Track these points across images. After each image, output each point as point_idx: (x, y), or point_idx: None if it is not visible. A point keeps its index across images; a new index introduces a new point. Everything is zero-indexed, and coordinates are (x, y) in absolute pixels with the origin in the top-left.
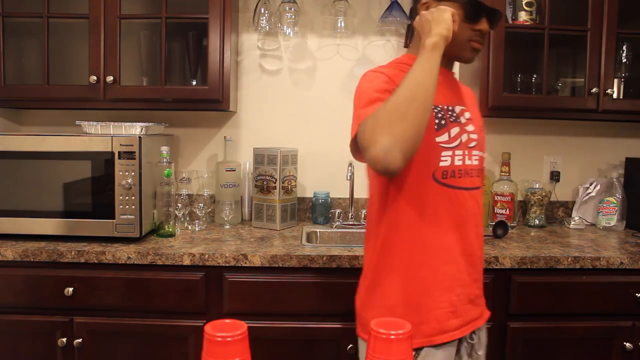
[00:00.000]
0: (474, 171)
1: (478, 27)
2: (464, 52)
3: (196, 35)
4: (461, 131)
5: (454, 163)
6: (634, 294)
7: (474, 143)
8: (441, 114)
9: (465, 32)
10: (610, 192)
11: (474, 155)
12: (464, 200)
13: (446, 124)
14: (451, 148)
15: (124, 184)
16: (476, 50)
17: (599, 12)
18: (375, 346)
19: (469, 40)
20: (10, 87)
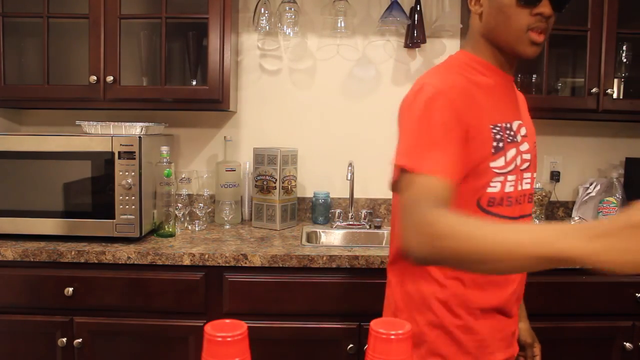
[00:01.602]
0: (525, 197)
1: (537, 11)
2: (521, 46)
3: (196, 35)
4: (517, 153)
5: (504, 190)
6: (634, 294)
7: (527, 164)
8: (500, 134)
9: (522, 18)
10: (611, 192)
11: (526, 178)
12: None
13: (504, 147)
14: (504, 173)
15: (124, 184)
16: (537, 43)
17: (599, 12)
18: (375, 346)
19: (528, 29)
20: (11, 87)
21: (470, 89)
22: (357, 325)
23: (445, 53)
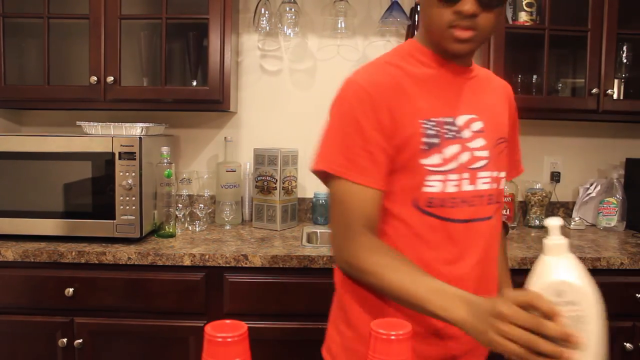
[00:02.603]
0: (483, 198)
1: (457, 9)
2: (445, 42)
3: (196, 35)
4: (462, 150)
5: (445, 190)
6: (634, 294)
7: (483, 162)
8: (434, 130)
9: (444, 15)
10: (611, 193)
11: (483, 178)
12: (458, 234)
13: (439, 143)
14: (443, 172)
15: (124, 185)
16: (460, 40)
17: (599, 13)
18: (375, 346)
19: (449, 26)
20: (11, 87)
21: (400, 83)
22: None
23: None
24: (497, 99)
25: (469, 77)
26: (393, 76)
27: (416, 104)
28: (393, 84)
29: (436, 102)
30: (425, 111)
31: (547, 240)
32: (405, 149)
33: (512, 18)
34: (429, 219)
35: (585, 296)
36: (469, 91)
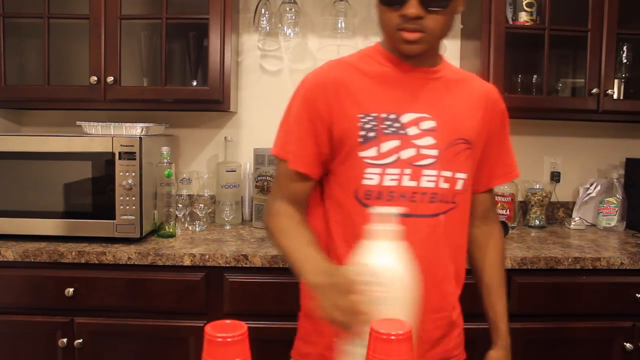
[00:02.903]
0: (425, 196)
1: (401, 13)
2: (397, 44)
3: (197, 35)
4: (403, 145)
5: (382, 183)
6: (634, 294)
7: (430, 160)
8: (372, 124)
9: (392, 18)
10: (611, 193)
11: (428, 176)
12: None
13: (376, 137)
14: (381, 165)
15: (124, 185)
16: (409, 42)
17: (599, 13)
18: (375, 346)
19: (398, 29)
20: (11, 87)
21: (345, 80)
22: None
23: (445, 53)
24: (467, 101)
25: (430, 77)
26: (341, 73)
27: (358, 99)
28: (338, 81)
29: (381, 98)
30: (366, 106)
31: (371, 226)
32: (344, 141)
33: (512, 18)
34: (365, 210)
35: (392, 280)
36: (426, 91)
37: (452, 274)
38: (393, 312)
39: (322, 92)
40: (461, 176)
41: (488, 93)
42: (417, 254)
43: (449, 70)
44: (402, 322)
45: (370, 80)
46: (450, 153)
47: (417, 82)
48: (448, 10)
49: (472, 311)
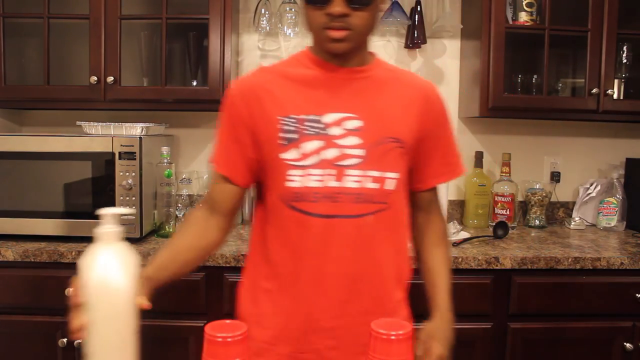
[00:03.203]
0: (346, 196)
1: (326, 11)
2: (323, 43)
3: (197, 35)
4: (326, 146)
5: (306, 184)
6: (634, 294)
7: (355, 160)
8: (293, 126)
9: (318, 17)
10: (611, 193)
11: (352, 176)
12: (317, 229)
13: (298, 139)
14: (303, 167)
15: (124, 185)
16: (335, 40)
17: (599, 13)
18: (375, 346)
19: (324, 27)
20: (11, 87)
21: (266, 85)
22: None
23: (445, 53)
24: (400, 100)
25: (356, 76)
26: (263, 79)
27: (279, 102)
28: (259, 86)
29: (303, 100)
30: (287, 109)
31: (98, 229)
32: (267, 145)
33: (512, 18)
34: (291, 212)
35: (89, 283)
36: (351, 90)
37: (390, 277)
38: (93, 317)
39: (243, 98)
40: (392, 176)
41: (424, 90)
42: (343, 254)
43: (382, 68)
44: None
45: (293, 83)
46: (377, 152)
47: (342, 82)
48: (372, 6)
49: (472, 311)
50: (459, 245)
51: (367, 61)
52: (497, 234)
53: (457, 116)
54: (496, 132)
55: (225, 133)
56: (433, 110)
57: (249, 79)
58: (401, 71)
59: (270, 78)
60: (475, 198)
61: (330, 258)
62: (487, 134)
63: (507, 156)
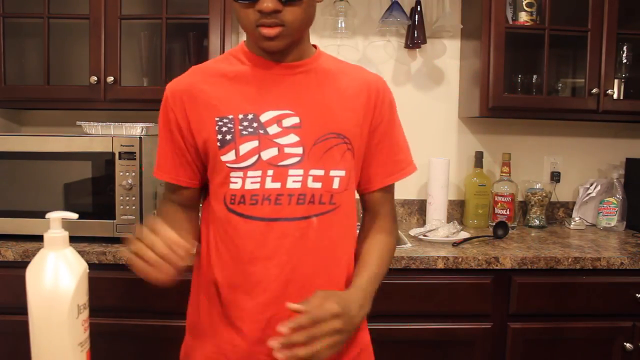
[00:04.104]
0: (288, 197)
1: (257, 8)
2: (257, 41)
3: (197, 35)
4: (263, 145)
5: (245, 186)
6: (634, 294)
7: (294, 159)
8: (227, 127)
9: (249, 15)
10: (611, 193)
11: (293, 175)
12: (259, 233)
13: (233, 140)
14: (242, 168)
15: (124, 185)
16: (269, 38)
17: (599, 13)
18: None
19: (256, 25)
20: (11, 87)
21: (200, 85)
22: None
23: (445, 53)
24: (343, 94)
25: (294, 72)
26: (197, 79)
27: (214, 102)
28: (193, 87)
29: (239, 99)
30: (222, 109)
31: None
32: (207, 148)
33: (512, 18)
34: (233, 216)
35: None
36: (288, 87)
37: (341, 283)
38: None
39: (177, 100)
40: (337, 174)
41: (370, 83)
42: (287, 260)
43: (323, 62)
44: None
45: (229, 81)
46: (319, 150)
47: (278, 78)
48: (304, 0)
49: (472, 311)
50: (459, 245)
51: (307, 55)
52: (497, 234)
53: (457, 116)
54: (496, 132)
55: (164, 139)
56: (378, 105)
57: (183, 80)
58: (346, 64)
59: (204, 78)
60: (475, 198)
61: (273, 264)
62: (487, 134)
63: (507, 156)
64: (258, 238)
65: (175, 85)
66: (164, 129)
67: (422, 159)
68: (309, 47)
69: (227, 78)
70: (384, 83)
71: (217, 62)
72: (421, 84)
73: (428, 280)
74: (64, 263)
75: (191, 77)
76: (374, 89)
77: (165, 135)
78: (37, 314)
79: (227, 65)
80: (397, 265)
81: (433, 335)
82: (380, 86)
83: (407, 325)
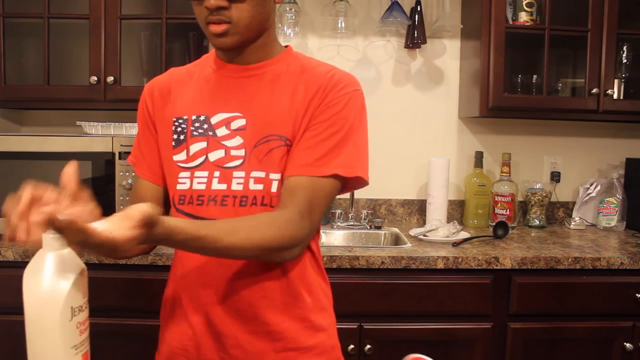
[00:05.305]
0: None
1: (204, 5)
2: (209, 38)
3: (197, 35)
4: (210, 147)
5: (192, 187)
6: (634, 294)
7: (237, 162)
8: (182, 127)
9: (200, 12)
10: (611, 193)
11: (237, 177)
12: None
13: (185, 140)
14: (190, 168)
15: (124, 185)
16: (217, 35)
17: (599, 13)
18: None
19: (207, 22)
20: (11, 87)
21: (169, 85)
22: (357, 326)
23: (445, 53)
24: (292, 95)
25: (248, 74)
26: (169, 79)
27: (175, 103)
28: (163, 86)
29: (195, 100)
30: (180, 109)
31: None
32: (162, 144)
33: (512, 18)
34: (182, 216)
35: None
36: (240, 89)
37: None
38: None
39: (149, 98)
40: (276, 177)
41: (320, 81)
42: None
43: (287, 63)
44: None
45: (195, 83)
46: (260, 152)
47: (233, 80)
48: None
49: (472, 311)
50: (459, 245)
51: (269, 56)
52: (497, 234)
53: (457, 116)
54: (496, 132)
55: (139, 133)
56: (320, 101)
57: (158, 79)
58: (315, 65)
59: (175, 78)
60: (475, 198)
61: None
62: (487, 134)
63: (507, 156)
64: None
65: (151, 84)
66: (141, 125)
67: (422, 159)
68: (273, 48)
69: (193, 80)
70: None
71: (193, 65)
72: (421, 84)
73: (428, 280)
74: (60, 264)
75: (166, 77)
76: (321, 86)
77: (142, 132)
78: (31, 316)
79: (199, 68)
80: (397, 265)
81: (433, 335)
82: (331, 83)
83: (407, 325)
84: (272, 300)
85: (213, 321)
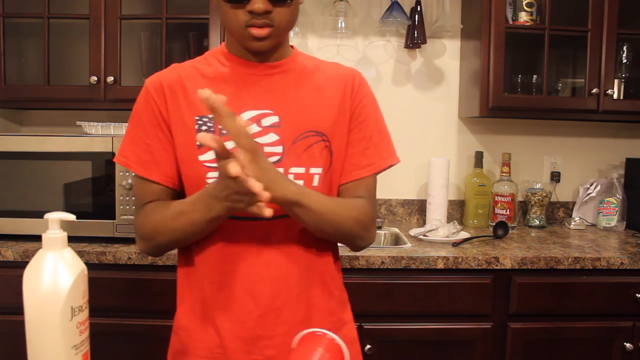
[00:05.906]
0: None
1: (248, 9)
2: (245, 41)
3: (197, 35)
4: None
5: None
6: (634, 294)
7: (274, 158)
8: (207, 126)
9: (239, 15)
10: (611, 193)
11: None
12: (244, 232)
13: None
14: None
15: (124, 184)
16: (259, 38)
17: (599, 13)
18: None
19: (246, 26)
20: (11, 87)
21: (183, 82)
22: (357, 326)
23: (445, 53)
24: (320, 91)
25: (273, 72)
26: (179, 75)
27: (195, 101)
28: (174, 83)
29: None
30: (203, 108)
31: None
32: (184, 146)
33: (512, 18)
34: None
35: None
36: (267, 87)
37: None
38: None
39: (158, 96)
40: (317, 171)
41: (346, 78)
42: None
43: (301, 61)
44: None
45: (209, 81)
46: (299, 148)
47: (257, 78)
48: (293, 2)
49: (472, 311)
50: (459, 245)
51: (286, 55)
52: (497, 234)
53: (457, 116)
54: (496, 132)
55: (143, 134)
56: (352, 98)
57: (165, 75)
58: (323, 62)
59: (185, 75)
60: (475, 198)
61: (261, 262)
62: (487, 134)
63: (507, 156)
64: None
65: (157, 79)
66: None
67: (422, 159)
68: (288, 47)
69: (207, 78)
70: (360, 76)
71: (195, 63)
72: (421, 84)
73: (428, 280)
74: (60, 264)
75: (172, 73)
76: (350, 84)
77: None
78: (31, 316)
79: (206, 66)
80: (397, 265)
81: (433, 335)
82: (357, 80)
83: (407, 325)
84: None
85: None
